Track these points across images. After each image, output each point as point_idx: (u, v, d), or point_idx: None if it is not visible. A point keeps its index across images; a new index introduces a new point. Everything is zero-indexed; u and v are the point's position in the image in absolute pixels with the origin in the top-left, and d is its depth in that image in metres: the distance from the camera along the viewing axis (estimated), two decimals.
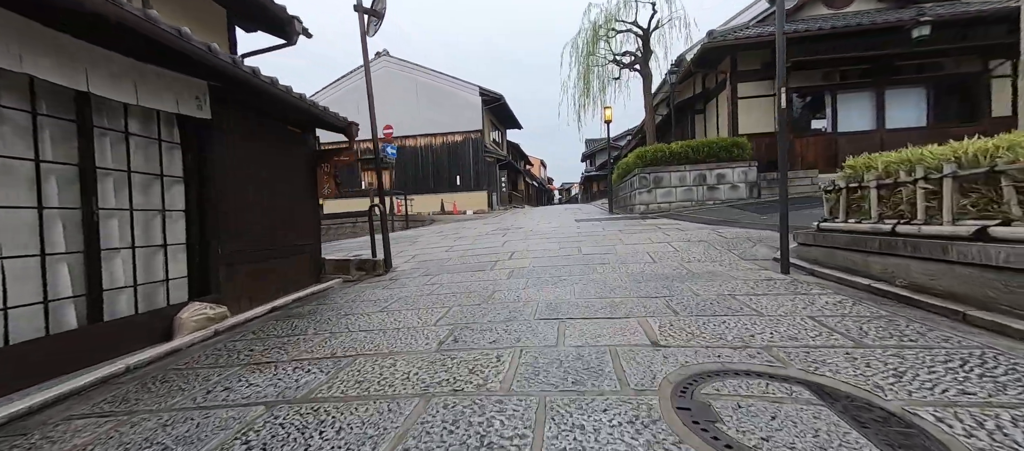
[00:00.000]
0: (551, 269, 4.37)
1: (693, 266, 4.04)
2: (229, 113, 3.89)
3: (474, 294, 3.56)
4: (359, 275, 5.34)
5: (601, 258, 4.76)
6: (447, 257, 5.88)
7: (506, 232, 8.26)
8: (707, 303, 2.72)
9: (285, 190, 4.69)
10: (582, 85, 13.90)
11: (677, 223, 7.70)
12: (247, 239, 4.02)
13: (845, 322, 2.18)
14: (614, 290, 3.28)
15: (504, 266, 4.79)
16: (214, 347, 2.72)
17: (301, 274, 4.87)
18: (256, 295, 4.05)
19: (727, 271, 3.76)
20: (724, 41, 10.86)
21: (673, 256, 4.57)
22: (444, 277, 4.53)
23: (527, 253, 5.50)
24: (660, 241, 5.60)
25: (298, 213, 4.90)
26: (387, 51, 22.02)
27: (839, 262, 3.53)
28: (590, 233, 7.06)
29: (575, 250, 5.40)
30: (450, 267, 5.14)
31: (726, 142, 10.40)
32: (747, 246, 4.84)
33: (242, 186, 4.01)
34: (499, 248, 6.16)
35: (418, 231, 11.13)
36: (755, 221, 6.79)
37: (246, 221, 4.03)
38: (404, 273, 5.10)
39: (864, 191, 3.52)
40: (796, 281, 3.23)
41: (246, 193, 4.05)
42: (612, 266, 4.28)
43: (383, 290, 4.20)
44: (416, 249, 7.11)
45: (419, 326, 2.70)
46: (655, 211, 10.49)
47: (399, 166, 22.09)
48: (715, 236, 5.64)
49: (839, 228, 3.66)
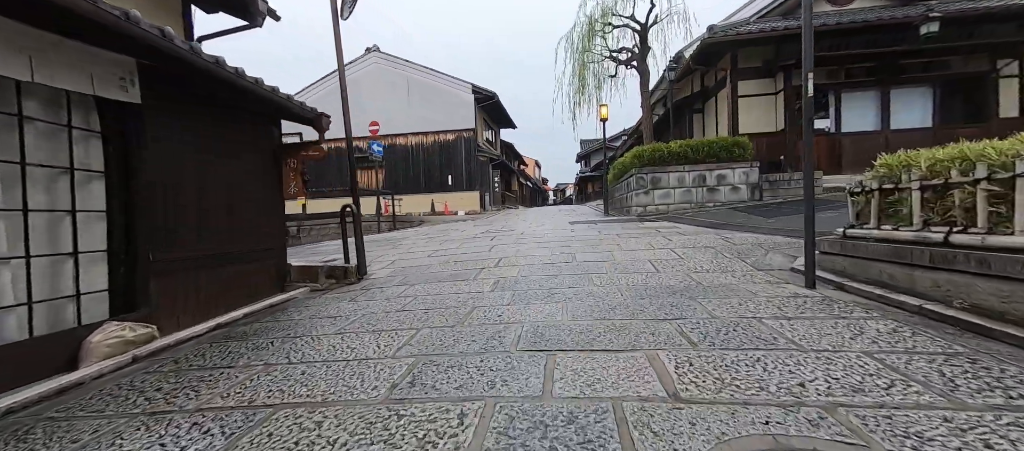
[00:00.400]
0: (541, 279, 3.87)
1: (702, 277, 3.55)
2: (167, 98, 3.35)
3: (450, 311, 3.05)
4: (328, 284, 4.80)
5: (597, 266, 4.26)
6: (429, 263, 5.36)
7: (496, 235, 7.75)
8: (730, 329, 2.22)
9: (243, 189, 4.15)
10: (577, 82, 13.43)
11: (677, 226, 7.23)
12: (191, 245, 3.47)
13: (915, 362, 1.69)
14: (614, 309, 2.77)
15: (489, 275, 4.28)
16: (119, 382, 2.18)
17: (261, 283, 4.33)
18: (201, 309, 3.50)
19: (743, 284, 3.27)
20: (725, 36, 10.43)
21: (678, 265, 4.08)
22: (421, 288, 4.01)
23: (516, 260, 4.99)
24: (661, 247, 5.12)
25: (258, 214, 4.36)
26: (377, 47, 21.44)
27: (873, 275, 3.06)
28: (585, 237, 6.56)
29: (569, 257, 4.90)
30: (430, 274, 4.61)
31: (727, 142, 9.96)
32: (758, 254, 4.36)
33: (185, 184, 3.46)
34: (486, 253, 5.65)
35: (404, 233, 10.59)
36: (761, 225, 6.33)
37: (190, 224, 3.48)
38: (378, 281, 4.57)
39: (902, 193, 3.04)
40: (829, 299, 2.74)
41: (190, 192, 3.50)
42: (610, 276, 3.79)
43: (349, 303, 3.67)
44: (398, 253, 6.58)
45: (375, 358, 2.18)
46: (653, 213, 10.03)
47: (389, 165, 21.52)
48: (721, 241, 5.17)
49: (871, 235, 3.19)
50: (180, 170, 3.43)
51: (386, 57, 21.20)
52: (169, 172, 3.32)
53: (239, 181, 4.14)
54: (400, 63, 21.14)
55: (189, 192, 3.50)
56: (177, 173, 3.39)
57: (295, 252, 7.94)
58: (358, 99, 20.98)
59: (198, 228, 3.56)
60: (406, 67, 21.10)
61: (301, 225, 12.20)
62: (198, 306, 3.48)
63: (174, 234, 3.32)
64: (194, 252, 3.49)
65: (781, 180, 9.87)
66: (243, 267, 4.08)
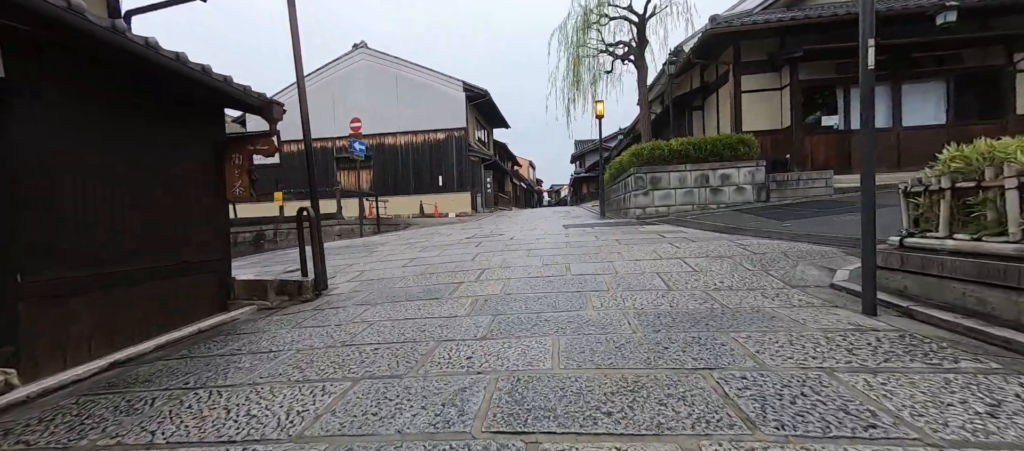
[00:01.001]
0: (528, 300, 3.17)
1: (728, 298, 2.88)
2: (53, 74, 2.62)
3: (407, 346, 2.35)
4: (279, 301, 4.07)
5: (596, 281, 3.57)
6: (401, 275, 4.65)
7: (483, 241, 7.04)
8: (796, 391, 1.54)
9: (168, 190, 3.42)
10: (572, 77, 12.75)
11: (682, 230, 6.57)
12: (86, 261, 2.74)
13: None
14: (623, 348, 2.08)
15: (467, 293, 3.58)
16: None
17: (192, 304, 3.59)
18: (101, 341, 2.77)
19: (781, 308, 2.60)
20: (729, 27, 9.81)
21: (693, 280, 3.41)
22: (383, 309, 3.30)
23: (501, 272, 4.29)
24: (669, 256, 4.44)
25: (190, 221, 3.63)
26: (364, 43, 20.68)
27: (951, 299, 2.39)
28: (581, 243, 5.88)
29: (562, 268, 4.21)
30: (399, 291, 3.90)
31: (731, 139, 9.32)
32: (785, 264, 3.70)
33: (79, 185, 2.73)
34: (468, 263, 4.94)
35: (386, 237, 9.85)
36: (775, 229, 5.68)
37: (85, 235, 2.75)
38: (337, 299, 3.85)
39: (986, 193, 2.38)
40: (907, 334, 2.07)
41: (87, 194, 2.77)
42: (613, 296, 3.10)
43: (290, 331, 2.95)
44: (371, 262, 5.86)
45: (272, 439, 1.47)
46: (652, 216, 9.37)
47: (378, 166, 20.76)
48: (737, 249, 4.50)
49: (942, 247, 2.52)
50: (73, 166, 2.69)
51: (374, 54, 20.44)
52: (54, 169, 2.59)
53: (166, 180, 3.41)
54: (389, 60, 20.39)
55: (86, 194, 2.76)
56: (67, 170, 2.66)
57: (261, 260, 7.20)
58: (345, 97, 20.23)
59: (98, 240, 2.83)
60: (395, 64, 20.35)
61: (277, 228, 11.42)
62: (95, 338, 2.75)
63: (58, 248, 2.59)
64: (90, 270, 2.76)
65: (789, 180, 9.24)
66: (166, 285, 3.35)
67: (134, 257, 3.07)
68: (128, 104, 3.12)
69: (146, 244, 3.18)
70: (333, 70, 20.55)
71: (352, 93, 20.04)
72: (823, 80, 10.24)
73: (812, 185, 9.12)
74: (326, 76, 20.52)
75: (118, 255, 2.95)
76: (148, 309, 3.15)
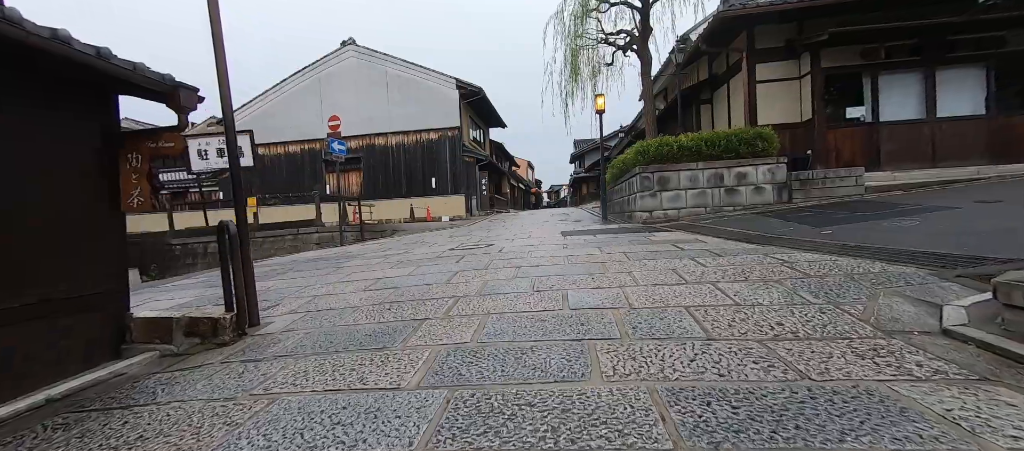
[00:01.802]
0: (506, 357, 2.23)
1: (801, 359, 1.93)
2: None
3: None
4: (188, 345, 3.12)
5: (603, 322, 2.62)
6: (357, 304, 3.71)
7: (466, 255, 6.11)
8: None
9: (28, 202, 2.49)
10: (569, 69, 11.82)
11: (701, 239, 5.62)
12: None
13: None
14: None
15: (428, 338, 2.63)
16: None
17: (66, 352, 2.66)
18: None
19: (900, 383, 1.65)
20: (743, 9, 8.88)
21: (739, 321, 2.45)
22: (311, 363, 2.36)
23: (478, 303, 3.35)
24: (694, 277, 3.50)
25: (62, 243, 2.69)
26: (353, 39, 19.78)
27: None
28: (582, 259, 4.94)
29: (558, 299, 3.26)
30: (343, 332, 2.95)
31: (748, 133, 8.38)
32: (859, 295, 2.75)
33: None
34: (442, 288, 4.00)
35: (365, 247, 8.91)
36: (814, 238, 4.72)
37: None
38: (260, 345, 2.90)
39: None
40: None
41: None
42: (630, 352, 2.15)
43: (163, 409, 2.01)
44: (332, 281, 4.92)
45: None
46: (661, 219, 8.43)
47: (367, 168, 19.86)
48: (782, 268, 3.55)
49: None
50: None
51: (363, 51, 19.55)
52: None
53: (33, 187, 2.48)
54: (379, 57, 19.50)
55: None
56: None
57: (209, 279, 6.23)
58: (333, 96, 19.28)
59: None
60: (385, 61, 19.47)
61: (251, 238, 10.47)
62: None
63: None
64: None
65: (814, 178, 8.30)
66: (27, 328, 2.41)
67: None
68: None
69: (10, 273, 2.25)
70: (320, 68, 19.65)
71: (340, 92, 19.13)
72: (848, 67, 9.29)
73: (840, 184, 8.18)
74: (312, 74, 19.63)
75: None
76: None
